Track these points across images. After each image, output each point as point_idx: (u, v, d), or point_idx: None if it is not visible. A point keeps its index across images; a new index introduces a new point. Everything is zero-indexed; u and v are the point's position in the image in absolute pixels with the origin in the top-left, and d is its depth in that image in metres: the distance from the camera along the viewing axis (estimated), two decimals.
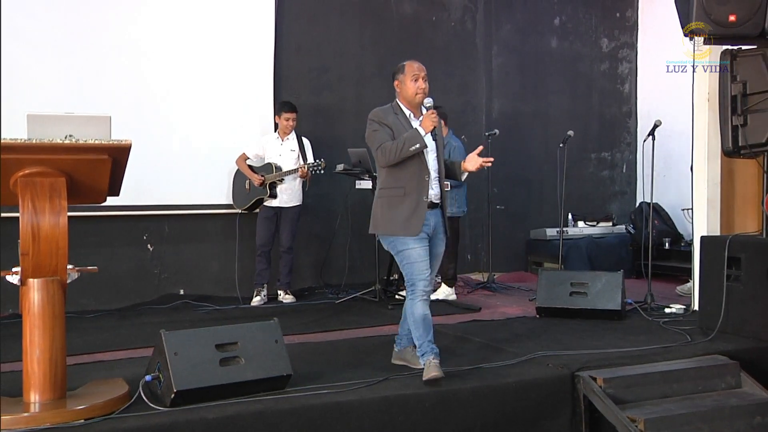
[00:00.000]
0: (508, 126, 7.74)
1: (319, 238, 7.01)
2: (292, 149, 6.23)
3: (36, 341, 2.97)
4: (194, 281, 6.51)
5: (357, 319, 5.50)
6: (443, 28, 7.69)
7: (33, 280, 3.02)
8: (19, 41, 5.67)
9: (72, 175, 3.07)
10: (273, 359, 3.42)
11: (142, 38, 6.18)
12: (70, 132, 3.00)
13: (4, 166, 2.91)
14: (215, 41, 6.43)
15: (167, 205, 6.30)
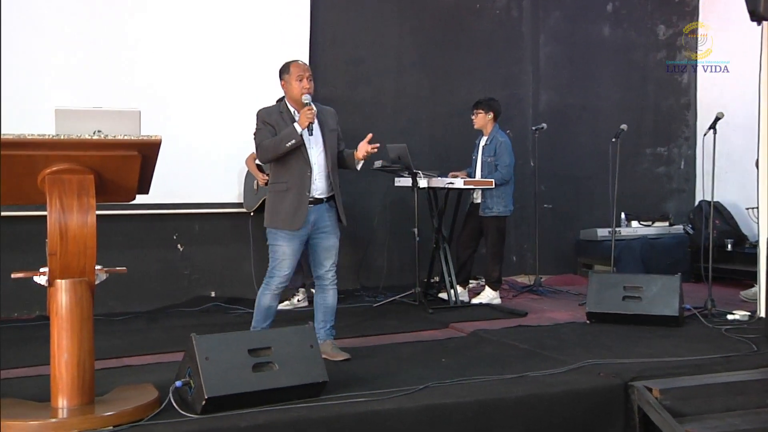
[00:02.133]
0: (556, 120, 7.65)
1: (356, 238, 7.01)
2: None
3: (64, 344, 3.02)
4: (226, 283, 6.57)
5: (395, 323, 5.49)
6: (487, 16, 7.63)
7: (61, 281, 3.06)
8: (43, 36, 5.78)
9: (100, 173, 3.11)
10: (308, 365, 3.43)
11: (170, 31, 6.25)
12: (98, 127, 3.04)
13: (31, 162, 2.96)
14: (247, 33, 6.48)
15: (198, 204, 6.36)
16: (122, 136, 3.04)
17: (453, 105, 7.23)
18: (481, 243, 6.43)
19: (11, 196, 3.13)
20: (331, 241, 4.34)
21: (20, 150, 2.91)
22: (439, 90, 7.39)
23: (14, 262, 4.56)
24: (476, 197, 6.27)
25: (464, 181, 6.03)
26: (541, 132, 6.88)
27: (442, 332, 5.21)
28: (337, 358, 4.23)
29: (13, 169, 2.96)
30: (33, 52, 5.73)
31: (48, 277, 3.07)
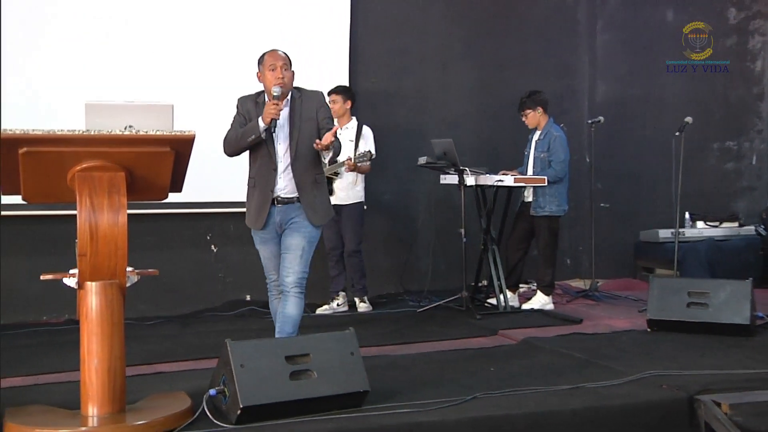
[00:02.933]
0: (615, 112, 7.54)
1: (399, 239, 7.01)
2: (351, 139, 6.23)
3: (94, 350, 3.06)
4: (262, 286, 6.51)
5: (441, 329, 5.48)
6: (540, 2, 7.56)
7: (91, 283, 3.10)
8: (72, 28, 5.89)
9: (132, 170, 3.14)
10: (348, 373, 3.43)
11: (204, 21, 6.31)
12: (129, 122, 3.07)
13: (61, 159, 3.01)
14: (284, 22, 6.51)
15: (233, 202, 6.39)
16: (154, 132, 3.06)
17: (503, 97, 7.17)
18: (533, 245, 6.38)
19: (40, 195, 3.18)
20: (293, 240, 4.14)
21: (49, 146, 2.96)
22: (487, 81, 7.34)
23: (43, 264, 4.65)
24: (527, 196, 6.22)
25: (515, 179, 5.99)
26: (597, 125, 6.79)
27: (490, 340, 5.18)
28: None
29: (42, 166, 3.01)
30: (60, 46, 5.83)
31: (78, 279, 3.11)
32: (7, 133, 2.86)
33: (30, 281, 5.57)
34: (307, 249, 4.16)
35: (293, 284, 4.16)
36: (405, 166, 6.55)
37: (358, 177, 6.22)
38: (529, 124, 6.29)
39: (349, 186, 6.19)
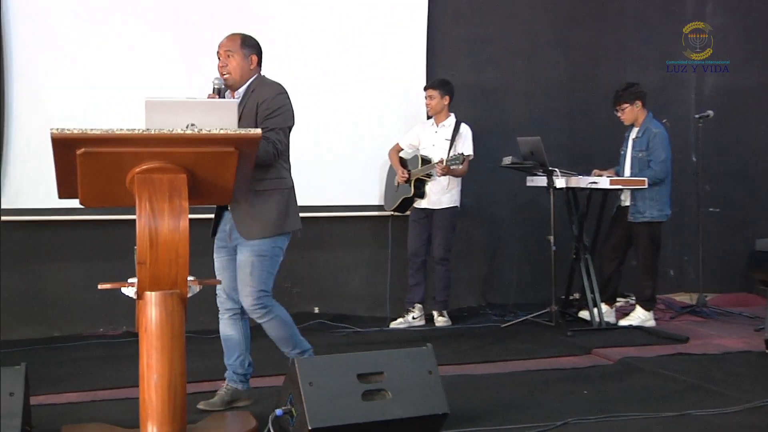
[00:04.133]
0: (726, 105, 7.35)
1: (481, 247, 6.97)
2: (447, 138, 6.24)
3: (153, 364, 3.10)
4: (331, 298, 6.66)
5: (527, 347, 5.44)
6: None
7: (150, 293, 3.15)
8: (135, 21, 6.04)
9: (194, 171, 3.17)
10: (426, 394, 3.42)
11: (272, 13, 6.39)
12: (191, 120, 3.10)
13: (120, 160, 3.07)
14: (356, 11, 6.56)
15: (300, 207, 6.45)
16: (218, 131, 3.09)
17: (596, 91, 7.07)
18: (630, 254, 6.27)
19: (98, 198, 3.25)
20: (240, 256, 3.93)
21: (108, 147, 3.01)
22: (579, 73, 7.24)
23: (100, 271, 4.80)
24: (624, 199, 6.12)
25: (610, 180, 5.89)
26: (706, 120, 6.63)
27: (583, 359, 5.11)
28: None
29: (100, 168, 3.07)
30: (118, 41, 5.99)
31: (137, 289, 3.17)
32: (64, 133, 2.92)
33: (86, 290, 5.76)
34: (258, 264, 3.89)
35: (250, 306, 3.97)
36: (487, 167, 6.50)
37: (453, 180, 6.22)
38: (625, 120, 6.17)
39: (442, 189, 6.20)
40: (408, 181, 6.22)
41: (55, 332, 5.95)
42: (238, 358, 4.13)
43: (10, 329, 5.90)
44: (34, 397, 3.41)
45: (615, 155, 6.35)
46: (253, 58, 4.03)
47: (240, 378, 4.11)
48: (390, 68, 6.66)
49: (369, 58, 6.58)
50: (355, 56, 6.54)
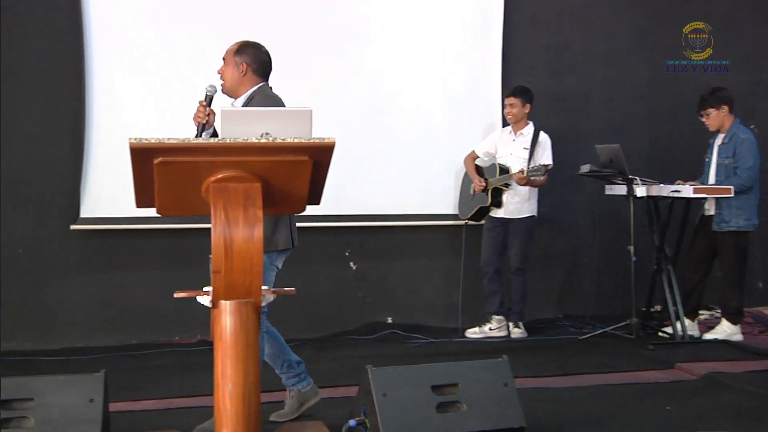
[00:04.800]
0: None
1: (558, 257, 6.89)
2: (525, 147, 6.19)
3: (228, 373, 3.14)
4: (404, 307, 6.67)
5: (606, 360, 5.37)
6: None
7: (225, 302, 3.19)
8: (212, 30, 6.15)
9: (268, 180, 3.20)
10: (502, 407, 3.39)
11: (343, 18, 6.45)
12: (265, 129, 3.14)
13: (195, 169, 3.12)
14: (431, 17, 6.57)
15: (373, 215, 6.51)
16: (292, 139, 3.12)
17: (679, 96, 6.94)
18: (715, 265, 6.11)
19: (174, 207, 3.31)
20: None
21: (184, 156, 3.06)
22: (661, 78, 7.11)
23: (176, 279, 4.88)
24: (709, 208, 5.97)
25: (694, 189, 5.77)
26: None
27: (665, 373, 5.01)
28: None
29: (177, 177, 3.13)
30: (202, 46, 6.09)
31: (211, 298, 3.21)
32: (142, 142, 2.99)
33: (162, 298, 5.88)
34: None
35: None
36: (565, 176, 6.43)
37: (533, 189, 6.19)
38: (710, 126, 6.03)
39: (521, 198, 6.18)
40: (485, 189, 6.19)
41: (132, 340, 6.09)
42: (284, 365, 4.14)
43: (88, 336, 6.09)
44: (112, 403, 3.48)
45: (698, 163, 6.21)
46: (243, 66, 4.02)
47: (296, 379, 4.12)
48: (465, 75, 6.65)
49: (444, 65, 6.58)
50: (430, 62, 6.56)
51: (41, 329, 6.08)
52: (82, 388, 3.20)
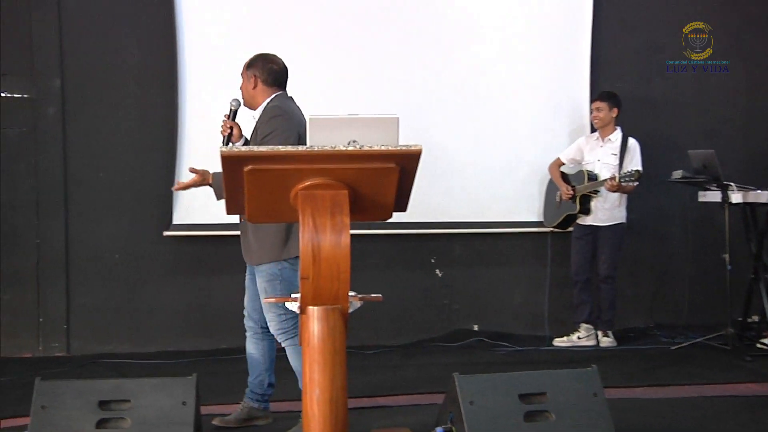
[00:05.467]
0: None
1: (649, 265, 6.75)
2: (614, 153, 6.09)
3: (316, 378, 3.16)
4: (490, 315, 6.63)
5: (701, 371, 5.24)
6: None
7: (313, 308, 3.23)
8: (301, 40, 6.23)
9: (355, 187, 3.23)
10: (591, 418, 3.33)
11: (429, 25, 6.45)
12: (353, 137, 3.16)
13: (284, 177, 3.17)
14: (517, 20, 6.52)
15: (459, 222, 6.49)
16: (379, 146, 3.14)
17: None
18: None
19: (264, 214, 3.37)
20: (256, 282, 4.10)
21: (273, 164, 3.12)
22: (758, 80, 6.90)
23: None
24: None
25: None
26: None
27: (764, 386, 4.85)
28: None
29: (266, 185, 3.18)
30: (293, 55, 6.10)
31: (299, 304, 3.25)
32: (233, 150, 3.06)
33: None
34: (270, 290, 3.97)
35: (275, 331, 4.03)
36: (656, 182, 6.30)
37: (622, 196, 6.09)
38: None
39: (611, 206, 6.09)
40: (573, 197, 6.11)
41: (222, 344, 6.20)
42: (258, 377, 4.20)
43: (181, 340, 6.23)
44: (204, 406, 3.56)
45: None
46: (253, 79, 4.10)
47: (257, 397, 4.20)
48: (552, 79, 6.58)
49: (530, 69, 6.53)
50: (515, 67, 6.51)
51: (136, 333, 6.26)
52: (175, 391, 3.28)
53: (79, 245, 6.24)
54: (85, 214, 6.24)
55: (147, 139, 6.32)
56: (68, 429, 3.16)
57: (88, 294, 6.24)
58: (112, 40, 6.29)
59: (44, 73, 6.20)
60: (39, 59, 6.20)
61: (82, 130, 6.25)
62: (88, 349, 6.16)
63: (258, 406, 4.20)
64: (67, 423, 3.17)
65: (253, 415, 4.20)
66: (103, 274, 6.24)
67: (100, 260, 6.24)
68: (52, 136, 6.19)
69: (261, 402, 4.21)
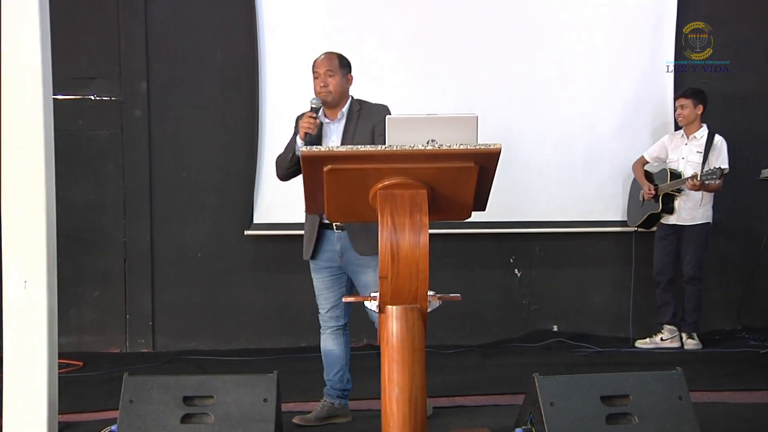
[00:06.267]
0: None
1: (737, 266, 6.58)
2: (698, 151, 5.94)
3: (395, 378, 3.18)
4: (571, 315, 6.55)
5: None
6: None
7: (391, 307, 3.24)
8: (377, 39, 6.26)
9: (434, 187, 3.23)
10: (676, 421, 3.25)
11: (509, 19, 6.40)
12: (431, 136, 3.17)
13: (363, 176, 3.19)
14: (599, 14, 6.42)
15: (539, 222, 6.43)
16: (458, 146, 3.13)
17: None
18: None
19: (342, 213, 3.41)
20: (367, 277, 4.05)
21: (352, 163, 3.14)
22: None
23: None
24: None
25: None
26: None
27: None
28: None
29: (345, 184, 3.21)
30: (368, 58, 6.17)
31: (378, 303, 3.27)
32: (313, 150, 3.09)
33: None
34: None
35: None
36: (743, 180, 6.13)
37: (707, 195, 5.95)
38: None
39: (695, 204, 5.95)
40: (655, 196, 5.98)
41: (302, 342, 6.27)
42: (337, 373, 4.21)
43: (262, 338, 6.33)
44: (284, 404, 3.60)
45: None
46: (349, 77, 4.13)
47: (338, 393, 4.21)
48: (636, 76, 6.45)
49: (613, 66, 6.42)
50: (598, 64, 6.42)
51: (218, 330, 6.38)
52: (256, 388, 3.33)
53: (163, 244, 6.39)
54: (169, 213, 6.40)
55: (229, 140, 6.44)
56: (155, 423, 3.24)
57: (172, 292, 6.39)
58: (195, 44, 6.44)
59: (131, 77, 6.37)
60: (126, 63, 6.38)
61: (166, 132, 6.41)
62: (172, 345, 6.32)
63: (338, 404, 4.23)
64: (154, 417, 3.25)
65: (334, 413, 4.22)
66: (187, 272, 6.39)
67: (184, 259, 6.39)
68: (138, 137, 6.36)
69: (341, 398, 4.24)
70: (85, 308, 6.33)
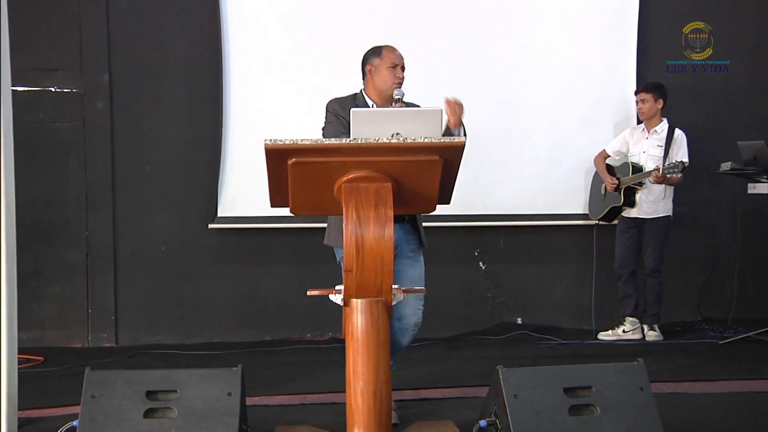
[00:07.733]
0: None
1: (697, 258, 6.65)
2: (659, 144, 6.01)
3: (359, 371, 3.19)
4: (535, 308, 6.59)
5: (752, 367, 5.13)
6: None
7: (356, 300, 3.25)
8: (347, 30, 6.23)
9: (398, 180, 3.24)
10: (638, 413, 3.29)
11: (474, 15, 6.40)
12: (396, 129, 3.17)
13: (328, 170, 3.18)
14: (562, 9, 6.44)
15: (503, 215, 6.45)
16: (422, 139, 3.14)
17: None
18: None
19: (307, 207, 3.39)
20: (416, 271, 4.13)
21: (317, 156, 3.14)
22: None
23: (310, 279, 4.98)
24: None
25: None
26: None
27: None
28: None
29: (310, 178, 3.20)
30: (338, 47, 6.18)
31: (343, 296, 3.27)
32: (277, 143, 3.07)
33: (296, 296, 6.04)
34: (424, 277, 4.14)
35: (418, 325, 4.16)
36: (703, 174, 6.21)
37: (668, 188, 6.01)
38: None
39: (657, 198, 6.01)
40: (617, 189, 6.04)
41: (266, 336, 6.25)
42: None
43: (226, 332, 6.29)
44: (249, 398, 3.58)
45: None
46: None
47: None
48: (597, 70, 6.50)
49: (576, 61, 6.45)
50: (561, 59, 6.43)
51: (182, 324, 6.33)
52: (221, 382, 3.31)
53: (126, 238, 6.32)
54: (132, 206, 6.32)
55: (193, 132, 6.37)
56: (118, 418, 3.21)
57: (135, 286, 6.32)
58: (158, 36, 6.36)
59: (93, 69, 6.28)
60: (88, 55, 6.28)
61: (129, 124, 6.33)
62: (136, 339, 6.25)
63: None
64: (116, 412, 3.22)
65: None
66: (150, 266, 6.32)
67: (147, 252, 6.32)
68: (100, 130, 6.28)
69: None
70: (46, 303, 6.23)
